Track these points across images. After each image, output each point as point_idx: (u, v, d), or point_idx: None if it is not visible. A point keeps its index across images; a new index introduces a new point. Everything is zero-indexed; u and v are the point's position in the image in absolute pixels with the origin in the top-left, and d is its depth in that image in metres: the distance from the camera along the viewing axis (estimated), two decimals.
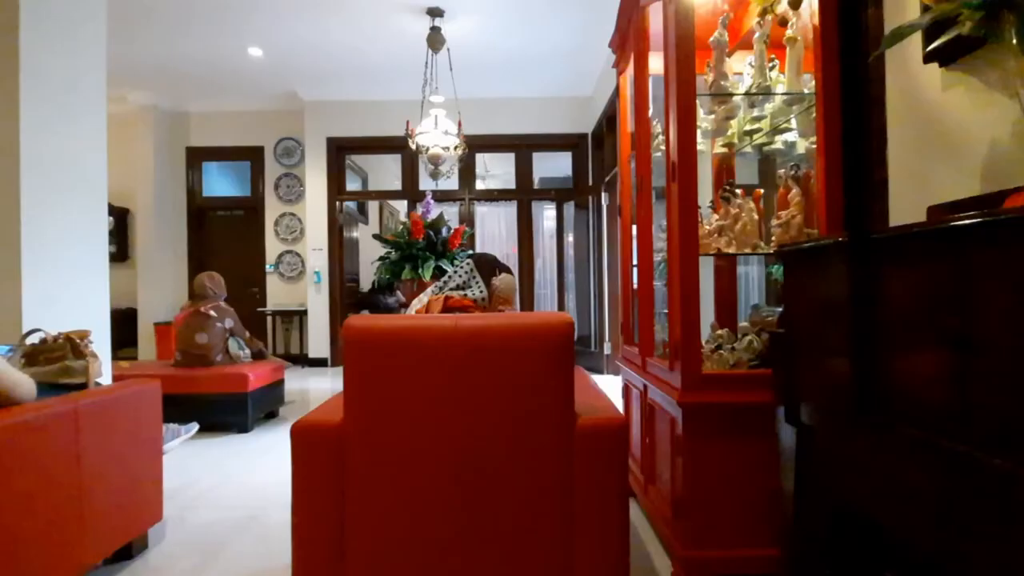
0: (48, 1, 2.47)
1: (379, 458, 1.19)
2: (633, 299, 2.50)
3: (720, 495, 1.56)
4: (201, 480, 2.67)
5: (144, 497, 1.87)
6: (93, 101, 2.73)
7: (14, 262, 2.30)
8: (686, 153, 1.62)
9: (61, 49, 2.55)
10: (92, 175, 2.71)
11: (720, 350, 1.81)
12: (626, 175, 2.61)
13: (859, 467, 0.87)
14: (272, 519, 2.18)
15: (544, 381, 1.20)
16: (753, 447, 1.54)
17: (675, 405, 1.62)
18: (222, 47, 5.08)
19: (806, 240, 1.55)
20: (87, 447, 1.58)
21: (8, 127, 2.33)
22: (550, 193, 6.79)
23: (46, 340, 1.76)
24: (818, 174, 1.61)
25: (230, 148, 6.84)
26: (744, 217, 1.80)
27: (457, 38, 4.73)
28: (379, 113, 6.25)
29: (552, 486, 1.20)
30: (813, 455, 1.02)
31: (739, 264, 2.42)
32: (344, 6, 4.34)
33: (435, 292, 2.00)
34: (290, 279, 6.79)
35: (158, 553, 1.90)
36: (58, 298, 2.46)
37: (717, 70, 1.85)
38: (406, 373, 1.19)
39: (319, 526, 1.19)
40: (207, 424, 3.34)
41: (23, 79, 2.35)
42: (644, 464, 2.09)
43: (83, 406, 1.58)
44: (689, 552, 1.55)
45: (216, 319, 3.67)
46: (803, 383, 1.05)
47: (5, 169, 2.32)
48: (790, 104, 1.81)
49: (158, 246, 6.43)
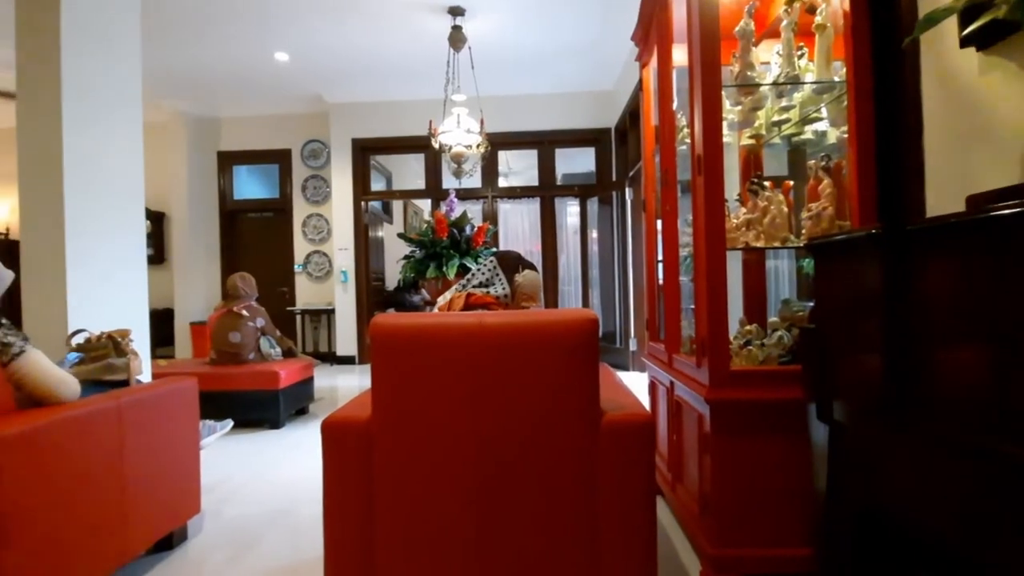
0: (87, 17, 2.57)
1: (406, 453, 1.21)
2: (658, 295, 2.48)
3: (749, 493, 1.53)
4: (236, 475, 2.76)
5: (183, 490, 1.94)
6: (130, 110, 2.83)
7: (59, 265, 2.41)
8: (712, 146, 1.59)
9: (99, 61, 2.65)
10: (130, 181, 2.82)
11: (749, 346, 1.77)
12: (650, 169, 2.58)
13: (894, 466, 0.85)
14: (303, 513, 2.24)
15: (569, 378, 1.20)
16: (783, 445, 1.51)
17: (703, 402, 1.60)
18: (250, 53, 5.20)
19: (838, 233, 1.51)
20: (129, 442, 1.65)
21: (52, 137, 2.44)
22: (573, 189, 6.76)
23: (90, 339, 1.84)
24: (850, 164, 1.56)
25: (259, 151, 7.01)
26: (773, 210, 1.76)
27: (478, 36, 4.74)
28: (402, 113, 6.31)
29: (577, 483, 1.20)
30: (845, 453, 1.00)
31: (768, 258, 2.37)
32: (366, 9, 4.40)
33: (458, 290, 2.01)
34: (318, 279, 6.92)
35: (197, 544, 1.97)
36: (100, 299, 2.57)
37: (743, 60, 1.81)
38: (432, 370, 1.21)
39: (349, 518, 1.22)
40: (240, 420, 3.44)
41: (65, 91, 2.45)
42: (671, 461, 2.07)
43: (125, 403, 1.65)
44: (718, 550, 1.53)
45: (248, 319, 3.77)
46: (835, 380, 1.02)
47: (50, 177, 2.43)
48: (820, 93, 1.76)
49: (192, 248, 6.63)
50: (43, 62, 2.44)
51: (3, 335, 1.42)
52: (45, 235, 2.42)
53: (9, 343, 1.42)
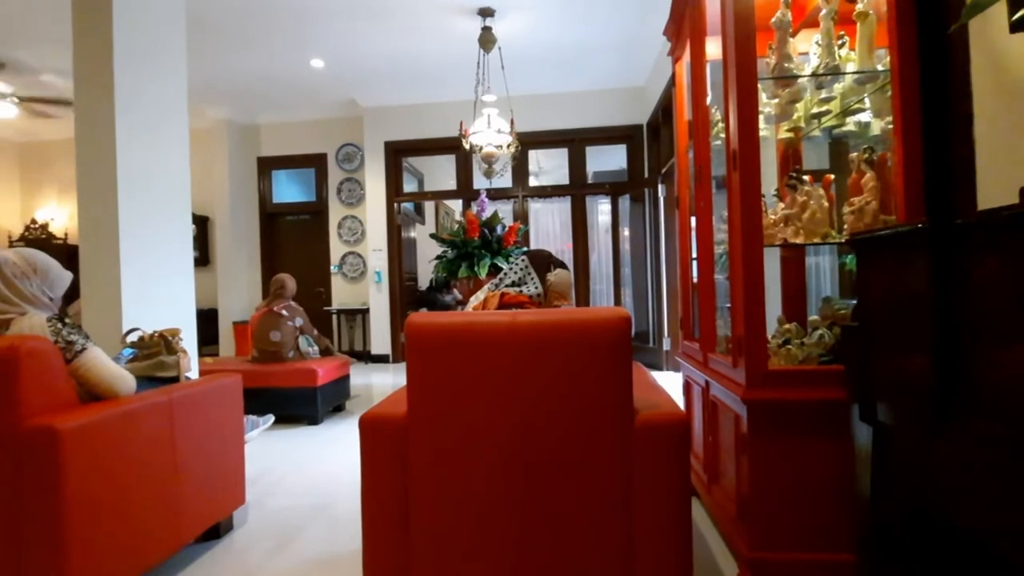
0: (137, 32, 2.71)
1: (440, 449, 1.23)
2: (693, 293, 2.44)
3: (788, 496, 1.49)
4: (277, 468, 2.86)
5: (229, 482, 2.02)
6: (177, 119, 2.97)
7: (114, 268, 2.55)
8: (748, 140, 1.56)
9: (149, 74, 2.79)
10: (177, 187, 2.96)
11: (788, 345, 1.73)
12: (684, 165, 2.54)
13: (942, 469, 0.82)
14: (341, 507, 2.30)
15: (601, 376, 1.20)
16: (823, 446, 1.46)
17: (739, 402, 1.57)
18: (287, 61, 5.37)
19: (882, 227, 1.45)
20: (180, 435, 1.73)
21: (106, 146, 2.58)
22: (604, 187, 6.70)
23: (143, 338, 1.94)
24: (896, 156, 1.50)
25: (296, 156, 7.21)
26: (812, 205, 1.71)
27: (508, 36, 4.76)
28: (433, 115, 6.39)
29: (611, 482, 1.20)
30: (891, 456, 0.96)
31: (808, 255, 2.30)
32: (398, 13, 4.47)
33: (492, 289, 2.03)
34: (353, 279, 7.08)
35: (242, 534, 2.05)
36: (151, 299, 2.71)
37: (780, 52, 1.77)
38: (465, 368, 1.22)
39: (386, 512, 1.25)
40: (280, 416, 3.56)
41: (117, 102, 2.59)
42: (707, 462, 2.03)
43: (176, 398, 1.73)
44: (755, 554, 1.50)
45: (287, 318, 3.89)
46: (880, 380, 0.99)
47: (105, 185, 2.57)
48: (862, 83, 1.70)
49: (235, 251, 6.89)
50: (97, 76, 2.59)
51: (67, 333, 1.52)
52: (101, 240, 2.56)
53: (73, 341, 1.52)
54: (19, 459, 1.32)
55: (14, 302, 1.51)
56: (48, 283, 1.58)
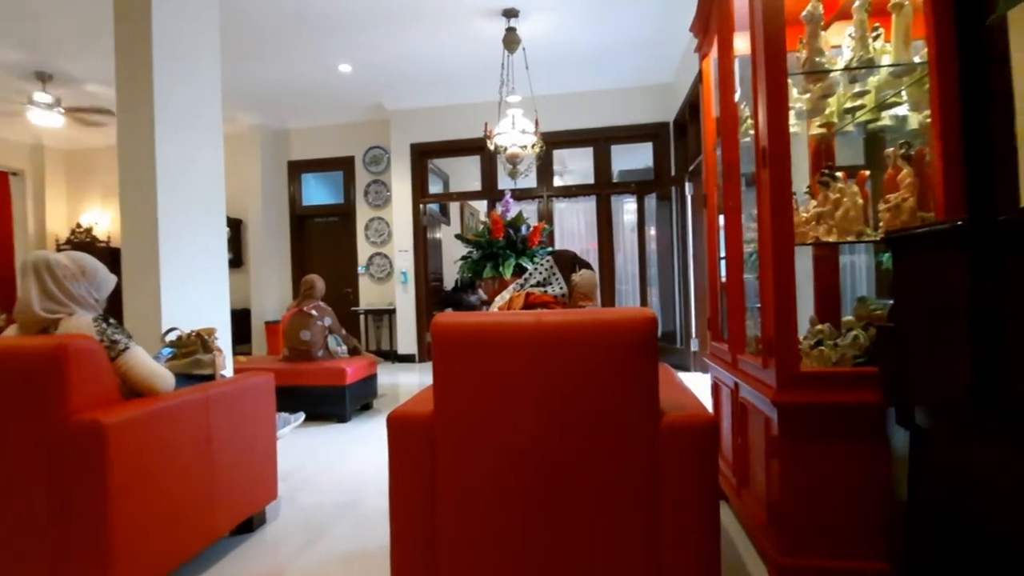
0: (174, 43, 2.81)
1: (466, 448, 1.24)
2: (721, 293, 2.40)
3: (821, 501, 1.46)
4: (307, 465, 2.92)
5: (262, 477, 2.08)
6: (211, 125, 3.07)
7: (154, 270, 2.65)
8: (777, 137, 1.53)
9: (185, 82, 2.89)
10: (213, 192, 3.06)
11: (820, 346, 1.69)
12: (712, 163, 2.50)
13: (983, 475, 0.79)
14: (369, 504, 2.34)
15: (627, 377, 1.19)
16: (857, 450, 1.42)
17: (769, 405, 1.54)
18: (316, 67, 5.49)
19: (920, 225, 1.41)
20: (216, 431, 1.79)
21: (146, 152, 2.69)
22: (630, 186, 6.63)
23: (181, 337, 2.01)
24: (934, 151, 1.45)
25: (325, 159, 7.37)
26: (846, 202, 1.67)
27: (532, 36, 4.76)
28: (458, 117, 6.44)
29: (637, 484, 1.19)
30: (929, 461, 0.93)
31: (843, 253, 2.23)
32: (423, 17, 4.52)
33: (517, 289, 2.04)
34: (379, 280, 7.19)
35: (274, 528, 2.11)
36: (188, 300, 2.81)
37: (811, 46, 1.72)
38: (491, 368, 1.23)
39: (413, 508, 1.27)
40: (310, 414, 3.64)
41: (156, 110, 2.69)
42: (736, 466, 2.00)
43: (212, 395, 1.79)
44: (786, 560, 1.47)
45: (317, 318, 3.98)
46: (917, 382, 0.96)
47: (145, 191, 2.68)
48: (898, 76, 1.64)
49: (266, 252, 7.07)
50: (137, 86, 2.70)
51: (112, 333, 1.59)
52: (142, 243, 2.67)
53: (117, 340, 1.59)
54: (67, 451, 1.39)
55: (63, 302, 1.59)
56: (95, 285, 1.66)
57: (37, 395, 1.40)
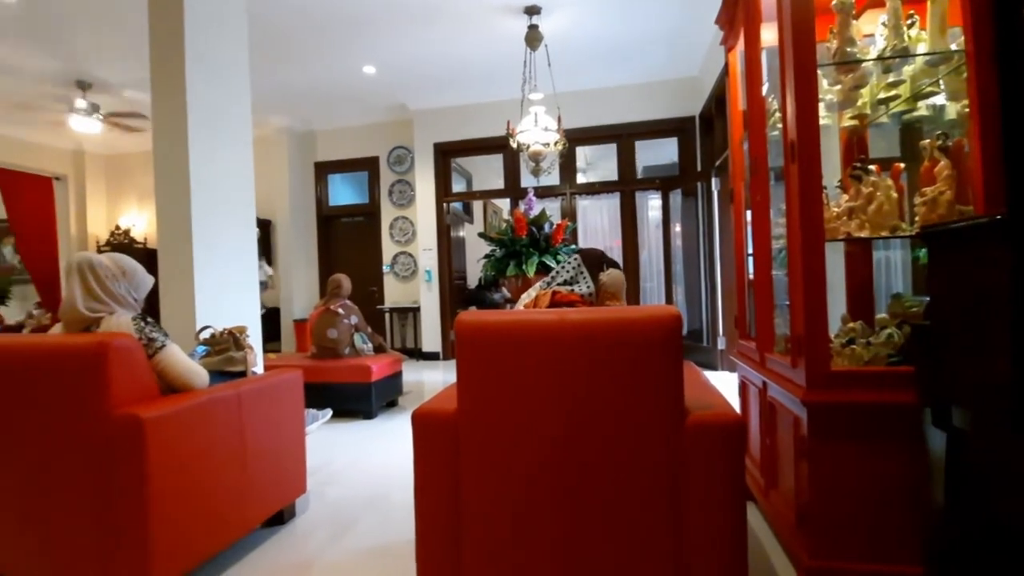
0: (205, 48, 2.90)
1: (490, 445, 1.25)
2: (749, 290, 2.35)
3: (852, 503, 1.42)
4: (335, 460, 2.98)
5: (292, 471, 2.13)
6: (242, 129, 3.15)
7: (188, 270, 2.74)
8: (807, 130, 1.49)
9: (216, 87, 2.97)
10: (243, 193, 3.14)
11: (852, 345, 1.64)
12: (738, 158, 2.45)
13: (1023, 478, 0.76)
14: (395, 498, 2.38)
15: (651, 375, 1.18)
16: (890, 452, 1.38)
17: (799, 404, 1.51)
18: (342, 70, 5.58)
19: (957, 219, 1.36)
20: (248, 426, 1.84)
21: (180, 156, 2.78)
22: (655, 182, 6.55)
23: (214, 335, 2.08)
24: (972, 142, 1.39)
25: (350, 160, 7.48)
26: (880, 196, 1.62)
27: (554, 33, 4.74)
28: (481, 115, 6.46)
29: (661, 483, 1.18)
30: (967, 463, 0.90)
31: (877, 249, 2.17)
32: (445, 17, 4.55)
33: (543, 287, 2.03)
34: (404, 278, 7.27)
35: (304, 521, 2.16)
36: (220, 298, 2.89)
37: (842, 35, 1.68)
38: (515, 365, 1.24)
39: (438, 504, 1.29)
40: (337, 411, 3.71)
41: (190, 115, 2.78)
42: (764, 466, 1.96)
43: (244, 391, 1.85)
44: (816, 562, 1.43)
45: (343, 316, 4.05)
46: (954, 382, 0.93)
47: (179, 192, 2.77)
48: (935, 64, 1.58)
49: (294, 252, 7.23)
50: (171, 93, 2.79)
51: (149, 331, 1.65)
52: (177, 245, 2.76)
53: (154, 338, 1.65)
54: (109, 444, 1.45)
55: (105, 302, 1.65)
56: (134, 285, 1.72)
57: (81, 391, 1.47)
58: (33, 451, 1.52)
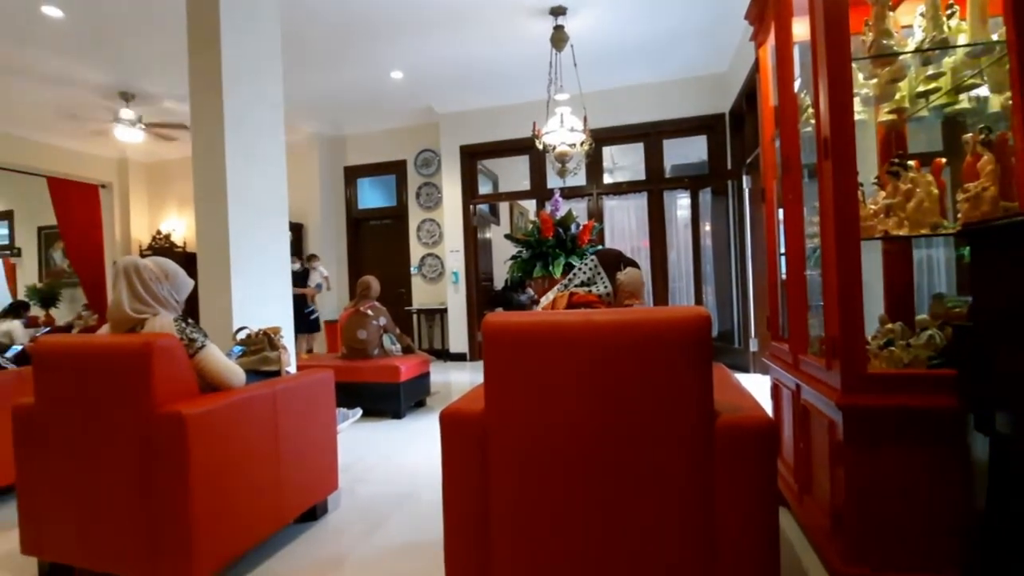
0: (240, 59, 2.99)
1: (517, 446, 1.26)
2: (781, 291, 2.30)
3: (888, 509, 1.38)
4: (365, 458, 3.04)
5: (324, 468, 2.19)
6: (275, 135, 3.25)
7: (225, 272, 2.84)
8: (841, 126, 1.45)
9: (251, 96, 3.07)
10: (276, 198, 3.23)
11: (891, 347, 1.59)
12: (770, 155, 2.40)
13: None
14: (424, 497, 2.41)
15: (679, 377, 1.17)
16: (930, 457, 1.33)
17: (834, 408, 1.47)
18: (370, 75, 5.68)
19: (1002, 216, 1.30)
20: (282, 424, 1.90)
21: (217, 164, 2.88)
22: (683, 181, 6.45)
23: (250, 335, 2.15)
24: (1016, 135, 1.33)
25: (378, 164, 7.61)
26: (919, 193, 1.56)
27: (580, 33, 4.73)
28: (506, 117, 6.48)
29: (690, 486, 1.17)
30: (1011, 470, 0.86)
31: (918, 247, 2.09)
32: (471, 20, 4.59)
33: (560, 289, 2.03)
34: (431, 280, 7.35)
35: (336, 517, 2.21)
36: (255, 300, 2.98)
37: (878, 28, 1.63)
38: (541, 366, 1.24)
39: (466, 503, 1.30)
40: (367, 410, 3.77)
41: (226, 124, 2.88)
42: (798, 471, 1.91)
43: (279, 390, 1.90)
44: (851, 569, 1.39)
45: (372, 317, 4.12)
46: (998, 386, 0.89)
47: (217, 199, 2.87)
48: (976, 56, 1.52)
49: (325, 255, 7.38)
50: (209, 100, 2.89)
51: (190, 332, 1.72)
52: (215, 249, 2.86)
53: (194, 339, 1.72)
54: (154, 439, 1.52)
55: (149, 303, 1.73)
56: (176, 287, 1.80)
57: (128, 388, 1.54)
58: (85, 446, 1.60)
